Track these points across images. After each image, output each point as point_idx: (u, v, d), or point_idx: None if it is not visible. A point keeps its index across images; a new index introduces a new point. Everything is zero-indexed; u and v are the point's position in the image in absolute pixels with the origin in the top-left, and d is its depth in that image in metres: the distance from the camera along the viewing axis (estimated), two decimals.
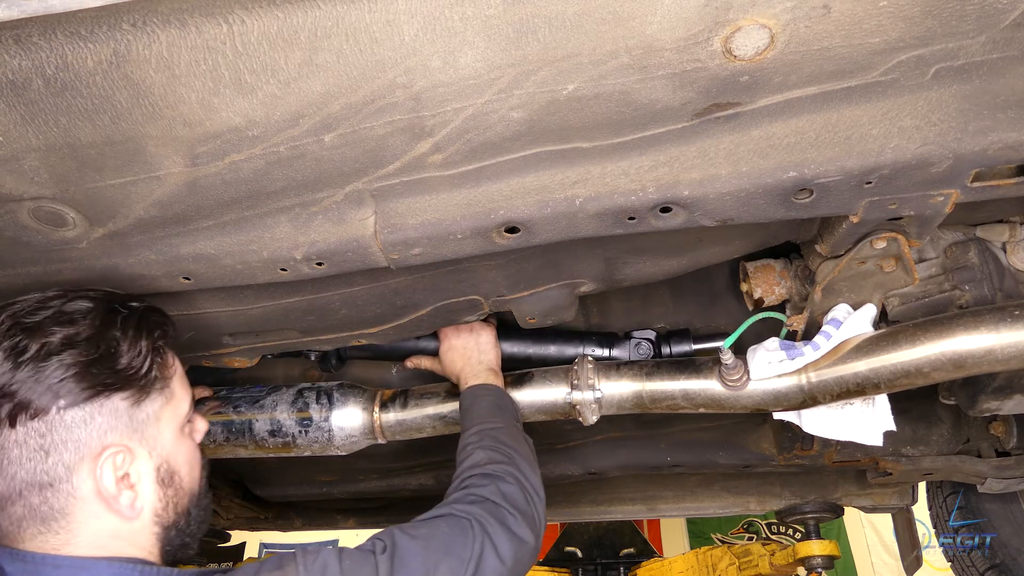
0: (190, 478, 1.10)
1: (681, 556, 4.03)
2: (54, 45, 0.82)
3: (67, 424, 0.94)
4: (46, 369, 0.94)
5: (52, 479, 0.94)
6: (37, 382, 0.93)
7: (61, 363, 0.95)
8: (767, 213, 1.13)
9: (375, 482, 2.44)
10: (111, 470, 0.97)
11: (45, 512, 0.95)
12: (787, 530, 5.69)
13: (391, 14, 0.83)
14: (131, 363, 1.01)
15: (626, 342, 1.84)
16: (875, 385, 1.39)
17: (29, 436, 0.93)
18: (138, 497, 1.00)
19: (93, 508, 0.97)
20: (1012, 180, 1.14)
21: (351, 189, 1.09)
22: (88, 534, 0.97)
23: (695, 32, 0.87)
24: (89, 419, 0.96)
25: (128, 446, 0.99)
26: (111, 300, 1.06)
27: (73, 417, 0.95)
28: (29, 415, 0.93)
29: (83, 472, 0.95)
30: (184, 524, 1.07)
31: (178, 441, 1.08)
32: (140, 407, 1.01)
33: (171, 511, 1.05)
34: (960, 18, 0.89)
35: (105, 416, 0.97)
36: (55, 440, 0.94)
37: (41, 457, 0.94)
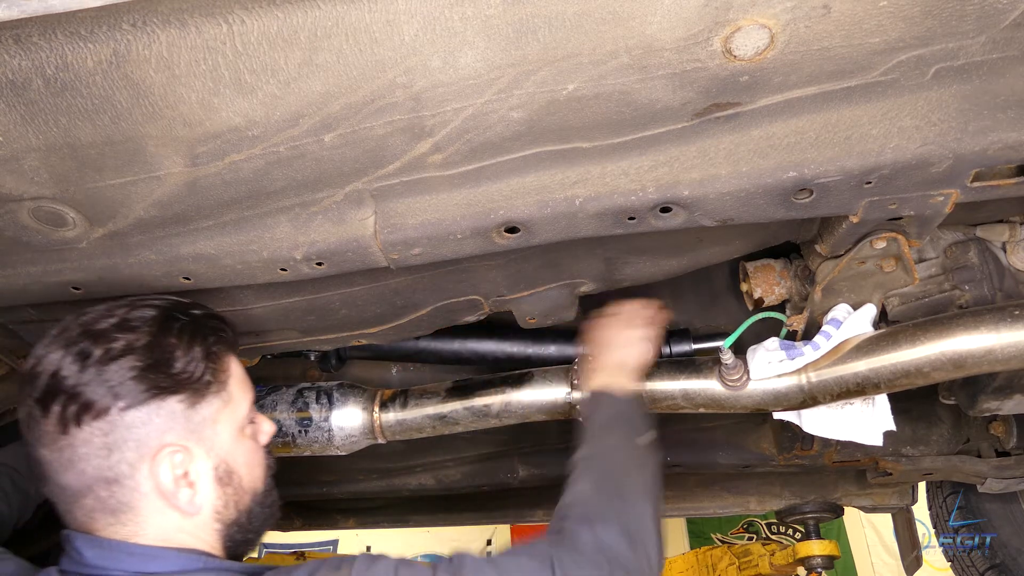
0: (251, 477, 1.14)
1: (681, 556, 4.04)
2: (54, 45, 0.82)
3: (127, 424, 1.00)
4: (107, 372, 1.00)
5: (117, 475, 1.01)
6: (100, 384, 1.00)
7: (121, 367, 1.01)
8: (767, 213, 1.13)
9: (375, 482, 2.44)
10: (169, 468, 1.02)
11: (113, 505, 1.01)
12: (787, 530, 5.69)
13: (391, 14, 0.83)
14: (185, 368, 1.06)
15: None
16: (875, 385, 1.39)
17: (94, 435, 0.99)
18: (197, 495, 1.05)
19: (155, 504, 1.03)
20: (1012, 180, 1.14)
21: (351, 189, 1.09)
22: (154, 527, 1.03)
23: (695, 32, 0.87)
24: (147, 420, 1.01)
25: (186, 446, 1.04)
26: (172, 308, 1.11)
27: (133, 418, 1.01)
28: (93, 415, 0.99)
29: (144, 470, 1.01)
30: (246, 521, 1.12)
31: (237, 442, 1.12)
32: (196, 409, 1.06)
33: (231, 509, 1.10)
34: (960, 18, 0.89)
35: (162, 418, 1.03)
36: (117, 439, 1.00)
37: (105, 454, 1.00)
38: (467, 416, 1.65)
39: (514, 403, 1.62)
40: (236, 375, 1.15)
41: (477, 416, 1.65)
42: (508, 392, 1.63)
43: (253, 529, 1.14)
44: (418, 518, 2.88)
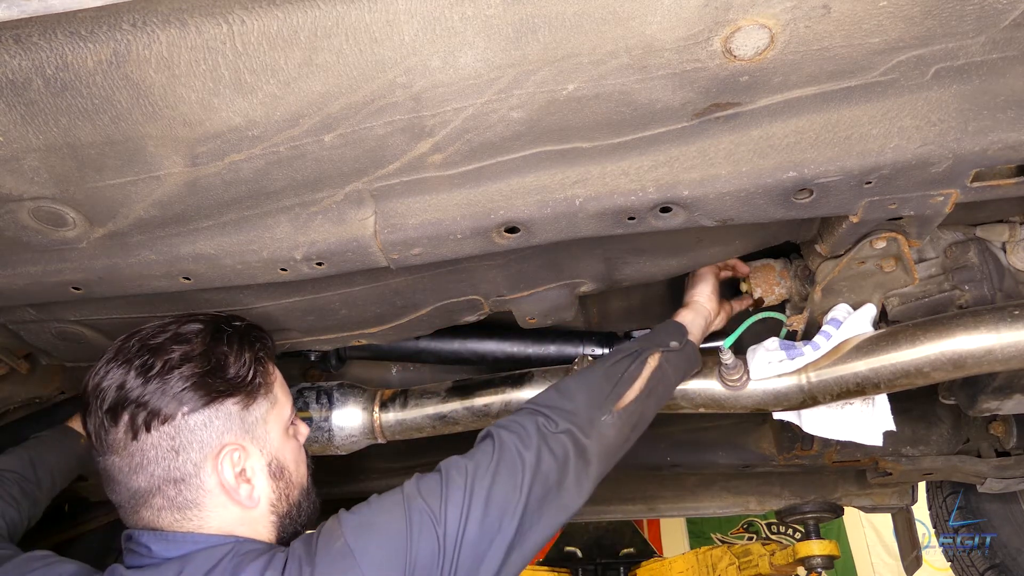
0: (297, 473, 1.24)
1: (681, 556, 4.04)
2: (54, 45, 0.82)
3: (191, 427, 1.10)
4: (170, 381, 1.10)
5: (184, 475, 1.09)
6: (163, 393, 1.09)
7: (181, 376, 1.11)
8: (767, 213, 1.13)
9: (375, 482, 2.44)
10: (230, 465, 1.12)
11: (180, 503, 1.10)
12: (787, 530, 5.69)
13: (391, 14, 0.83)
14: (238, 372, 1.17)
15: (626, 342, 1.84)
16: (875, 385, 1.39)
17: (162, 439, 1.09)
18: (255, 489, 1.15)
19: (219, 499, 1.11)
20: (1012, 180, 1.14)
21: (351, 189, 1.09)
22: (217, 520, 1.11)
23: (695, 32, 0.87)
24: (208, 422, 1.11)
25: (242, 445, 1.14)
26: (217, 321, 1.23)
27: (196, 421, 1.10)
28: (160, 421, 1.09)
29: (208, 468, 1.10)
30: (296, 514, 1.21)
31: (284, 440, 1.22)
32: (249, 411, 1.17)
33: (284, 501, 1.19)
34: (960, 18, 0.89)
35: (221, 419, 1.13)
36: (183, 441, 1.09)
37: (173, 456, 1.09)
38: (467, 416, 1.65)
39: (514, 403, 1.62)
40: (279, 379, 1.27)
41: (477, 416, 1.65)
42: (508, 392, 1.63)
43: (301, 521, 1.23)
44: None
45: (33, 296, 1.25)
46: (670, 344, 1.44)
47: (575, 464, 1.20)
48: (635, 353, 1.39)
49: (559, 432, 1.21)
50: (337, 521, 1.08)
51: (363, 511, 1.10)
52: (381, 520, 1.07)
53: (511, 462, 1.14)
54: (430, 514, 1.06)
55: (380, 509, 1.09)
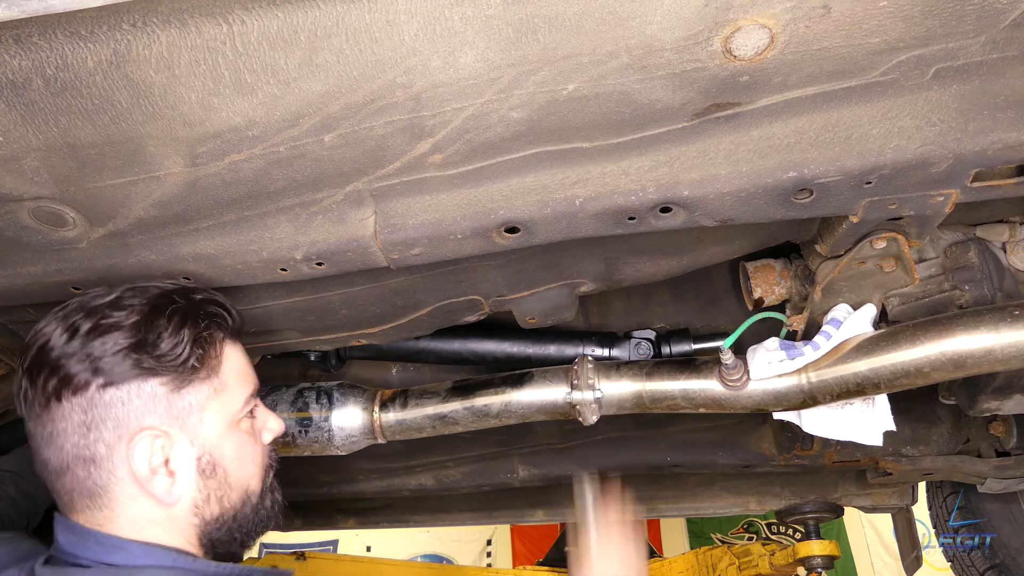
0: (241, 474, 1.09)
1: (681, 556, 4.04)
2: (54, 45, 0.82)
3: (106, 402, 0.98)
4: (91, 347, 0.98)
5: (94, 455, 0.98)
6: (81, 359, 0.98)
7: (105, 343, 0.99)
8: (767, 213, 1.13)
9: (375, 482, 2.44)
10: (145, 453, 0.99)
11: (90, 487, 0.99)
12: (787, 530, 5.69)
13: (391, 14, 0.83)
14: (172, 350, 1.02)
15: (626, 342, 1.84)
16: (875, 385, 1.39)
17: (73, 411, 0.98)
18: (175, 484, 1.02)
19: (130, 489, 1.00)
20: (1012, 180, 1.14)
21: (351, 189, 1.09)
22: (127, 515, 1.00)
23: (695, 32, 0.87)
24: (127, 400, 0.99)
25: (167, 432, 1.01)
26: (173, 291, 1.09)
27: (112, 396, 0.98)
28: (72, 390, 0.97)
29: (121, 452, 0.99)
30: (230, 520, 1.07)
31: (227, 434, 1.08)
32: (180, 395, 1.03)
33: (214, 504, 1.05)
34: (960, 18, 0.89)
35: (143, 400, 1.00)
36: (95, 417, 0.98)
37: (83, 432, 0.98)
38: (467, 416, 1.65)
39: (514, 403, 1.62)
40: (233, 365, 1.12)
41: (477, 416, 1.65)
42: (508, 392, 1.63)
43: (240, 530, 1.09)
44: (418, 518, 2.89)
45: (33, 296, 1.25)
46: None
47: None
48: None
49: None
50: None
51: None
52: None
53: None
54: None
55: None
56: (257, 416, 1.16)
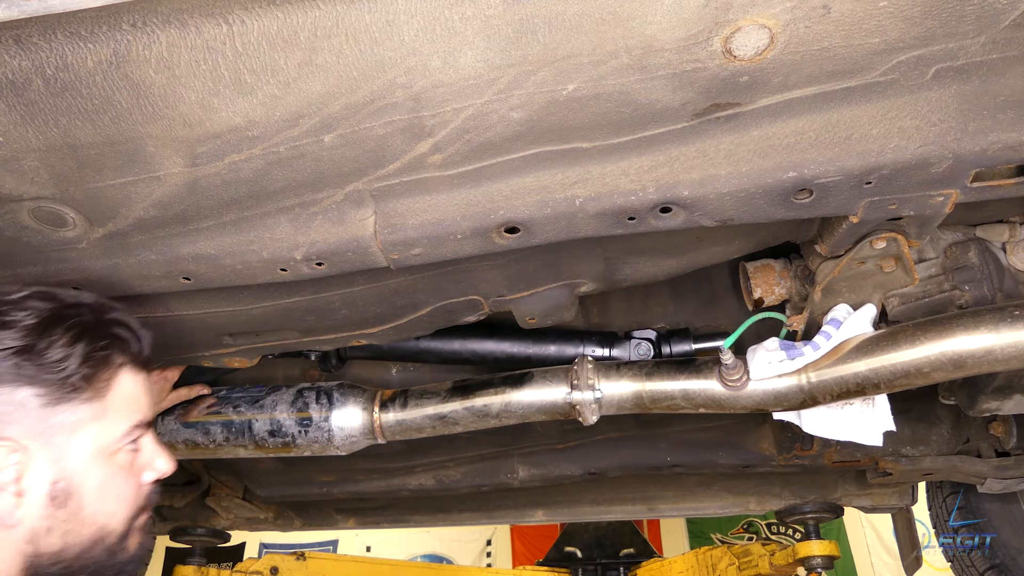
0: (99, 509, 0.98)
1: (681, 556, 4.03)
2: (54, 45, 0.82)
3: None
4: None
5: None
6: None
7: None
8: (767, 213, 1.13)
9: (375, 482, 2.44)
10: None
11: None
12: (787, 530, 5.69)
13: (391, 14, 0.83)
14: (57, 362, 0.96)
15: (626, 342, 1.84)
16: (875, 385, 1.39)
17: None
18: (20, 507, 0.92)
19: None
20: (1012, 180, 1.14)
21: (351, 189, 1.09)
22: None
23: (695, 32, 0.87)
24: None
25: (27, 447, 0.93)
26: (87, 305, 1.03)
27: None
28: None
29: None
30: (72, 559, 0.96)
31: (95, 463, 0.99)
32: (54, 410, 0.95)
33: (55, 537, 0.94)
34: (960, 18, 0.89)
35: (12, 406, 0.92)
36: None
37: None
38: (467, 416, 1.65)
39: (514, 403, 1.62)
40: (124, 392, 1.03)
41: (477, 416, 1.65)
42: (508, 392, 1.63)
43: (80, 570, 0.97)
44: (418, 518, 2.89)
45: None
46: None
47: None
48: None
49: None
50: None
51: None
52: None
53: None
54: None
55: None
56: (142, 451, 1.07)
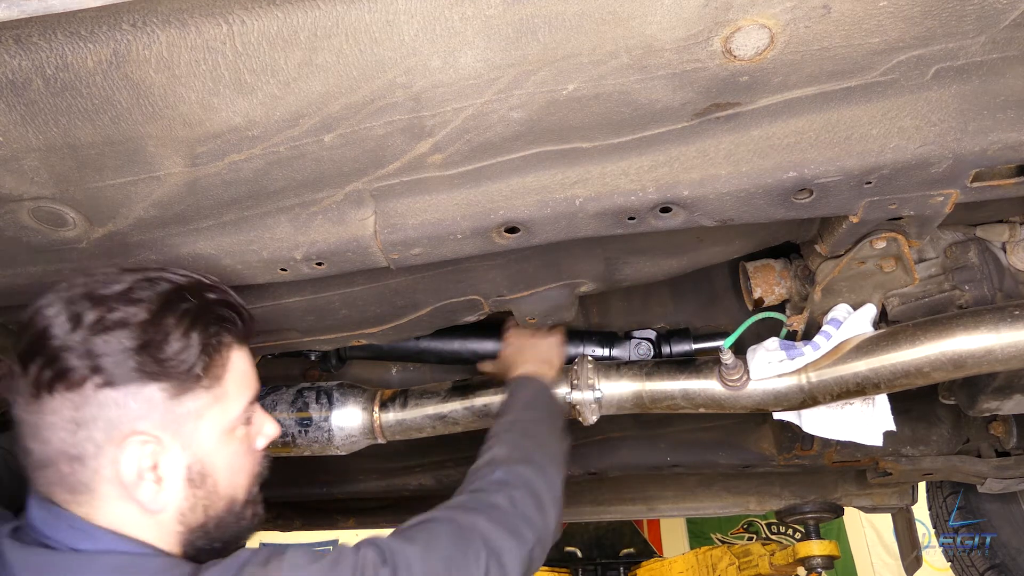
0: (230, 483, 1.05)
1: (681, 556, 4.04)
2: (54, 45, 0.82)
3: (100, 402, 0.93)
4: (94, 342, 0.93)
5: (80, 453, 0.94)
6: (82, 355, 0.93)
7: (107, 341, 0.93)
8: (767, 213, 1.13)
9: (375, 482, 2.44)
10: (134, 458, 0.95)
11: (73, 483, 0.95)
12: (787, 530, 5.69)
13: (391, 14, 0.83)
14: (176, 355, 0.97)
15: (626, 342, 1.84)
16: (875, 385, 1.39)
17: (64, 406, 0.93)
18: (162, 492, 0.98)
19: (114, 491, 0.95)
20: (1012, 180, 1.14)
21: (351, 189, 1.09)
22: (109, 514, 0.96)
23: (695, 32, 0.87)
24: (122, 402, 0.94)
25: (159, 437, 0.97)
26: (185, 287, 1.03)
27: (107, 397, 0.93)
28: (66, 385, 0.92)
29: (110, 453, 0.94)
30: (213, 528, 1.03)
31: (221, 443, 1.03)
32: (179, 401, 0.98)
33: (199, 513, 1.01)
34: (960, 18, 0.89)
35: (140, 403, 0.95)
36: (86, 416, 0.93)
37: (72, 429, 0.93)
38: (467, 416, 1.65)
39: None
40: (237, 371, 1.07)
41: (477, 416, 1.65)
42: None
43: (220, 538, 1.05)
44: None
45: (33, 296, 1.25)
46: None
47: None
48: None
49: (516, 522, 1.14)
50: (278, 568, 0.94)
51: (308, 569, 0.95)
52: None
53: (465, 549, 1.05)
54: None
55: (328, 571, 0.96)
56: (253, 422, 1.11)
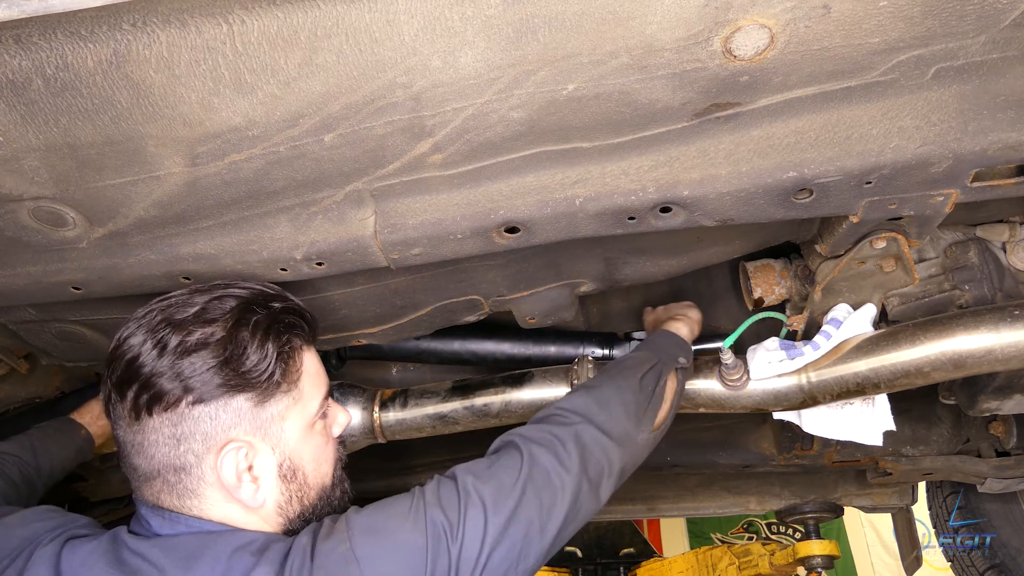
0: (317, 473, 1.14)
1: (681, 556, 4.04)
2: (54, 45, 0.82)
3: (195, 417, 1.03)
4: (181, 365, 1.02)
5: (184, 464, 1.03)
6: (172, 378, 1.02)
7: (192, 363, 1.03)
8: (767, 213, 1.13)
9: (375, 482, 2.44)
10: (232, 463, 1.04)
11: (180, 490, 1.04)
12: (787, 530, 5.69)
13: (391, 14, 0.83)
14: (256, 366, 1.07)
15: (626, 343, 1.84)
16: (875, 385, 1.39)
17: (164, 425, 1.03)
18: (260, 490, 1.07)
19: (219, 494, 1.05)
20: (1012, 180, 1.14)
21: (351, 189, 1.09)
22: (217, 515, 1.05)
23: (695, 32, 0.87)
24: (215, 415, 1.04)
25: (251, 442, 1.06)
26: (253, 301, 1.11)
27: (200, 412, 1.03)
28: (163, 406, 1.02)
29: (209, 461, 1.04)
30: (309, 516, 1.13)
31: (304, 439, 1.12)
32: (264, 407, 1.07)
33: (295, 504, 1.11)
34: (960, 18, 0.89)
35: (229, 414, 1.04)
36: (185, 431, 1.03)
37: (174, 444, 1.03)
38: (467, 416, 1.65)
39: (514, 403, 1.62)
40: (310, 372, 1.15)
41: (477, 416, 1.65)
42: (508, 392, 1.63)
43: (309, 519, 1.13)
44: None
45: (33, 296, 1.25)
46: (680, 361, 1.43)
47: (605, 483, 1.16)
48: (657, 368, 1.36)
49: (599, 451, 1.15)
50: (345, 521, 1.01)
51: (374, 514, 1.02)
52: (394, 526, 0.99)
53: (543, 484, 1.07)
54: (447, 529, 0.99)
55: (394, 514, 1.01)
56: (328, 414, 1.19)
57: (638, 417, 1.25)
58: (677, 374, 1.41)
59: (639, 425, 1.25)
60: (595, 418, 1.19)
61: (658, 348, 1.44)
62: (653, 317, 1.74)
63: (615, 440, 1.18)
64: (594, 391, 1.25)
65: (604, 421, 1.19)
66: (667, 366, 1.39)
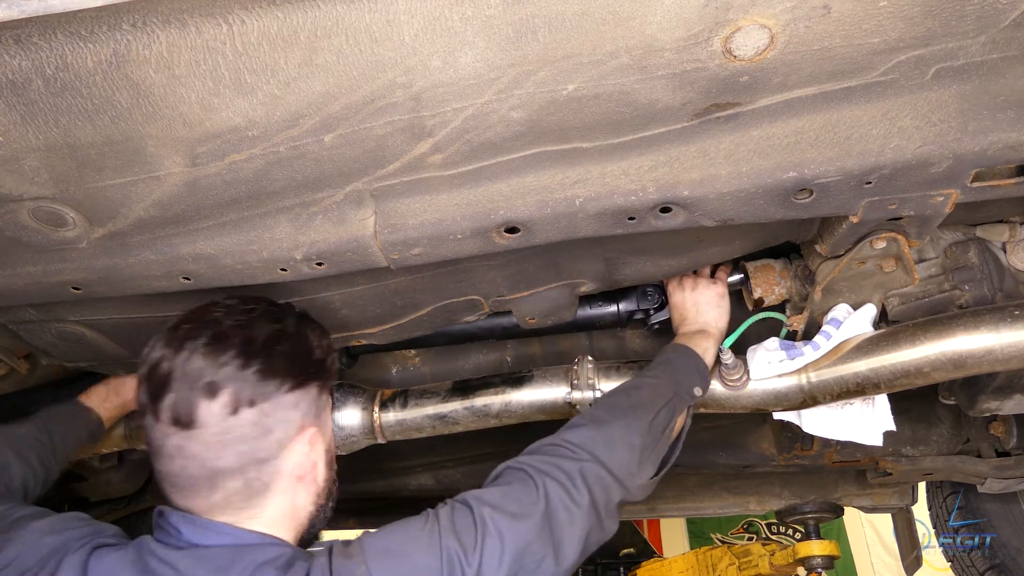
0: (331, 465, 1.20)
1: (681, 556, 4.04)
2: (54, 45, 0.82)
3: (283, 406, 1.07)
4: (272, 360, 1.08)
5: (267, 455, 1.06)
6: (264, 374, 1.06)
7: (280, 353, 1.09)
8: (767, 213, 1.13)
9: (375, 482, 2.44)
10: (307, 449, 1.10)
11: (257, 487, 1.06)
12: (787, 530, 5.69)
13: (391, 14, 0.83)
14: (320, 356, 1.17)
15: (632, 292, 1.78)
16: (875, 385, 1.39)
17: (256, 416, 1.05)
18: (319, 475, 1.14)
19: (288, 484, 1.09)
20: (1012, 180, 1.14)
21: (351, 189, 1.09)
22: (271, 509, 1.08)
23: (695, 32, 0.87)
24: (297, 402, 1.09)
25: (317, 430, 1.12)
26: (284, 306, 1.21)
27: (287, 400, 1.08)
28: (261, 399, 1.05)
29: (287, 450, 1.08)
30: (319, 516, 1.16)
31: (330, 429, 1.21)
32: (322, 396, 1.15)
33: (324, 495, 1.16)
34: (960, 18, 0.89)
35: (307, 402, 1.11)
36: (273, 420, 1.06)
37: (262, 434, 1.05)
38: (467, 416, 1.65)
39: (514, 403, 1.62)
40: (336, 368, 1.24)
41: (477, 416, 1.65)
42: (508, 392, 1.63)
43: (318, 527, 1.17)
44: None
45: (33, 296, 1.25)
46: (695, 393, 1.41)
47: (608, 519, 1.17)
48: (671, 406, 1.34)
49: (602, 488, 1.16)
50: (359, 544, 1.02)
51: (389, 536, 1.04)
52: (410, 550, 1.01)
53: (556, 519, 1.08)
54: (460, 557, 1.00)
55: (409, 537, 1.03)
56: None
57: (642, 461, 1.24)
58: (689, 409, 1.40)
59: (641, 469, 1.24)
60: (601, 456, 1.18)
61: (677, 379, 1.40)
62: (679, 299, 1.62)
63: (618, 480, 1.18)
64: (603, 428, 1.24)
65: (609, 460, 1.19)
66: (682, 401, 1.37)
